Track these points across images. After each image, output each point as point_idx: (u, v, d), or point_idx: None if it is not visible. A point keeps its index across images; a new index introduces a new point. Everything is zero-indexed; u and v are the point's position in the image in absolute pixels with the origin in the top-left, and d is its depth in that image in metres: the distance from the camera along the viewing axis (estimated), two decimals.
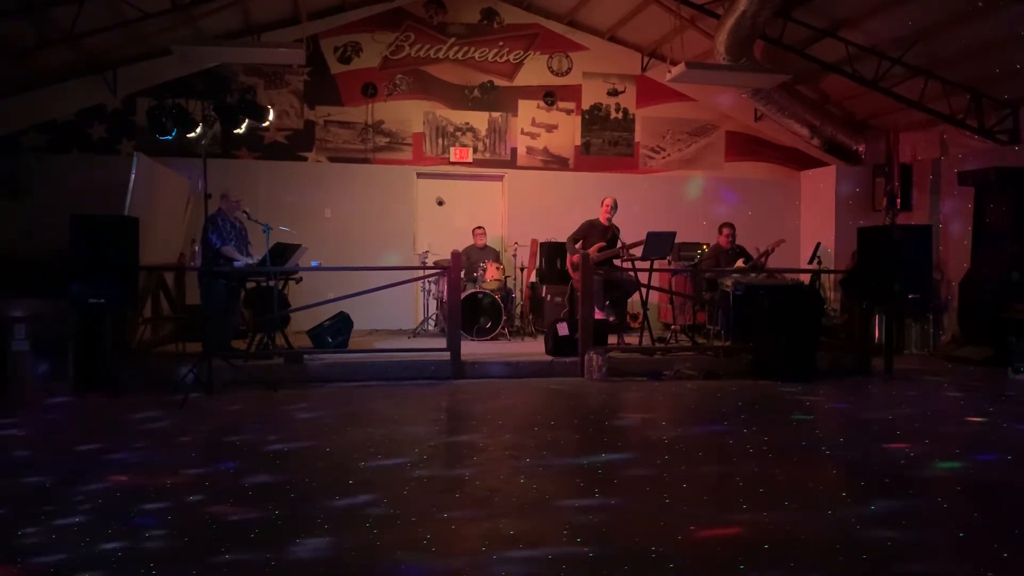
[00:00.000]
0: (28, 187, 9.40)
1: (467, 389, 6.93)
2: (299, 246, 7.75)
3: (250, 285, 7.90)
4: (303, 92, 10.39)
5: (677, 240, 8.48)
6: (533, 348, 8.22)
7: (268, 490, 3.92)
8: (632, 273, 8.32)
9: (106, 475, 4.18)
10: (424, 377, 7.31)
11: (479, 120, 10.83)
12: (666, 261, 8.99)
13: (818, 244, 9.80)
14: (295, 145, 10.39)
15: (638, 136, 11.22)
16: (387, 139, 10.62)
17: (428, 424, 5.72)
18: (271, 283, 7.61)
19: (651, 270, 8.16)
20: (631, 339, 8.54)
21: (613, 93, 11.15)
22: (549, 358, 7.69)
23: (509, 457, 4.57)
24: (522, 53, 10.88)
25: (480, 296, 9.13)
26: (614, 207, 8.39)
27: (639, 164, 11.22)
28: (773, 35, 9.01)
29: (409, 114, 10.65)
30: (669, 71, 8.96)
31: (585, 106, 11.08)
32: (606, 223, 8.38)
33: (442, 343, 7.54)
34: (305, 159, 10.41)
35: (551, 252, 9.44)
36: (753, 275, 8.25)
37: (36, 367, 6.46)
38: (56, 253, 7.15)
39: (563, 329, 7.70)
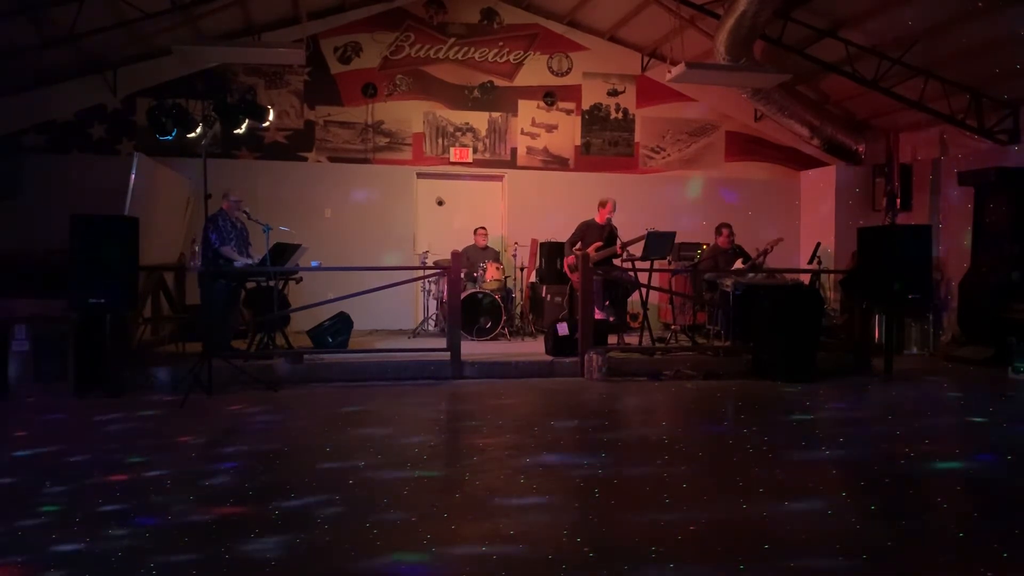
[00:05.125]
0: (28, 187, 9.40)
1: (467, 389, 6.93)
2: (299, 246, 7.75)
3: (250, 285, 7.90)
4: (303, 92, 10.38)
5: (677, 240, 8.49)
6: (533, 348, 8.22)
7: (267, 489, 3.92)
8: (631, 273, 8.32)
9: (105, 475, 4.18)
10: (424, 377, 7.31)
11: (479, 120, 10.83)
12: (666, 261, 8.99)
13: (818, 244, 9.80)
14: (295, 145, 10.39)
15: (638, 136, 11.21)
16: (387, 139, 10.61)
17: (428, 424, 5.72)
18: (271, 283, 7.60)
19: (651, 270, 8.16)
20: (631, 339, 8.53)
21: (613, 93, 11.15)
22: (549, 358, 7.69)
23: (509, 457, 4.57)
24: (522, 53, 10.87)
25: (480, 296, 9.12)
26: (614, 208, 8.39)
27: (639, 164, 11.22)
28: (773, 35, 9.00)
29: (409, 114, 10.65)
30: (669, 71, 8.95)
31: (585, 106, 11.07)
32: (603, 223, 8.38)
33: (442, 343, 7.54)
34: (305, 159, 10.41)
35: (551, 252, 9.43)
36: (752, 275, 8.25)
37: (36, 367, 6.45)
38: (56, 253, 7.15)
39: (563, 329, 7.70)
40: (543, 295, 9.65)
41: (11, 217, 9.06)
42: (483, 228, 10.02)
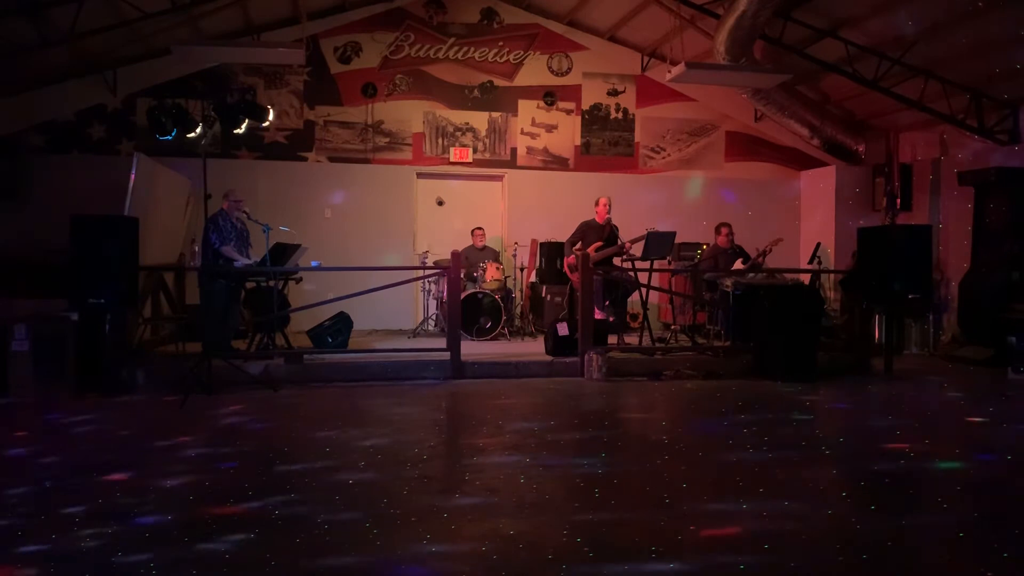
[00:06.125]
0: (28, 187, 9.39)
1: (467, 389, 6.93)
2: (299, 246, 7.75)
3: (250, 285, 7.90)
4: (303, 92, 10.38)
5: (677, 240, 8.49)
6: (533, 348, 8.22)
7: (267, 490, 3.92)
8: (631, 273, 8.32)
9: (104, 475, 4.18)
10: (424, 377, 7.31)
11: (479, 120, 10.83)
12: (666, 261, 8.98)
13: (818, 244, 9.81)
14: (295, 145, 10.38)
15: (638, 136, 11.21)
16: (387, 139, 10.61)
17: (428, 424, 5.72)
18: (271, 283, 7.60)
19: (651, 270, 8.16)
20: (631, 339, 8.53)
21: (613, 93, 11.15)
22: (549, 358, 7.69)
23: (509, 457, 4.57)
24: (522, 53, 10.87)
25: (480, 296, 9.12)
26: (608, 205, 8.39)
27: (639, 164, 11.21)
28: (773, 35, 9.00)
29: (409, 114, 10.65)
30: (669, 71, 8.95)
31: (585, 106, 11.07)
32: (602, 222, 8.38)
33: (442, 343, 7.54)
34: (305, 159, 10.40)
35: (551, 252, 9.44)
36: (752, 275, 8.25)
37: (36, 367, 6.45)
38: (56, 253, 7.15)
39: (563, 329, 7.70)
40: (543, 295, 9.65)
41: (11, 217, 9.06)
42: (480, 228, 10.02)
